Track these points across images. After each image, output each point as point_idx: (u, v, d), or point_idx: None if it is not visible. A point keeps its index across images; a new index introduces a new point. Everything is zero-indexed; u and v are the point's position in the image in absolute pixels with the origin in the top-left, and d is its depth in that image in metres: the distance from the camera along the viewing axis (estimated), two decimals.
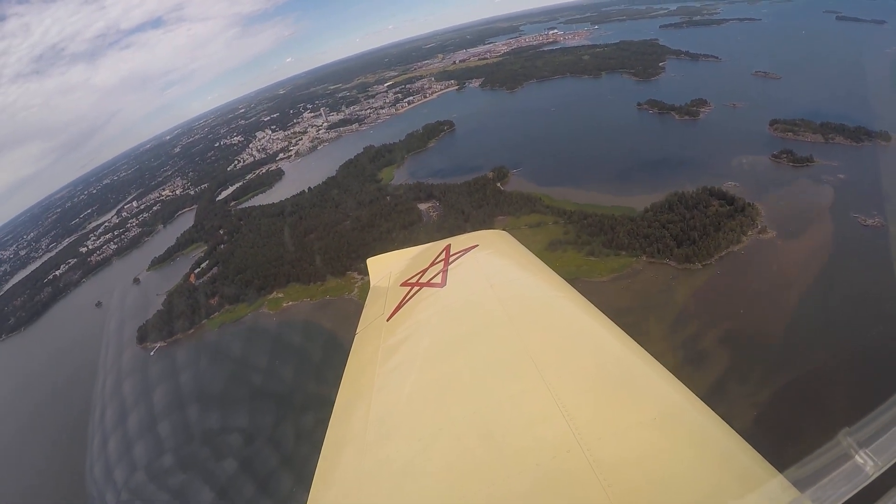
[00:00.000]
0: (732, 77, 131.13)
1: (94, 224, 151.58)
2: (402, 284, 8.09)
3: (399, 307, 7.40)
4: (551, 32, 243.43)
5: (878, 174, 74.36)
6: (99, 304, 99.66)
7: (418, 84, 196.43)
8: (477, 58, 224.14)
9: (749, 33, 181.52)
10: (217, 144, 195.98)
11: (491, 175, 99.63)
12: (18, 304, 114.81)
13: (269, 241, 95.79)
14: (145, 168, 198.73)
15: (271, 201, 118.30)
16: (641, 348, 5.02)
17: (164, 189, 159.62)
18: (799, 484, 2.64)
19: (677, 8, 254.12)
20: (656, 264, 67.27)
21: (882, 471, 2.38)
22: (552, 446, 3.82)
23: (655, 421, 4.00)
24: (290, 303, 77.56)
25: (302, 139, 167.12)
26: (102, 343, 70.85)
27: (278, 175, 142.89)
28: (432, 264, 8.17)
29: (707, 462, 3.64)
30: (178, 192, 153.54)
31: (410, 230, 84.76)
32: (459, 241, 8.89)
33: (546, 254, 70.03)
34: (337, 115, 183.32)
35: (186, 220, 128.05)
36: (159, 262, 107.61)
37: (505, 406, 4.61)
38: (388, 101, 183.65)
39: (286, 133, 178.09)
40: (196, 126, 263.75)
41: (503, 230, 10.30)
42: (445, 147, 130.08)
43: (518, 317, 6.03)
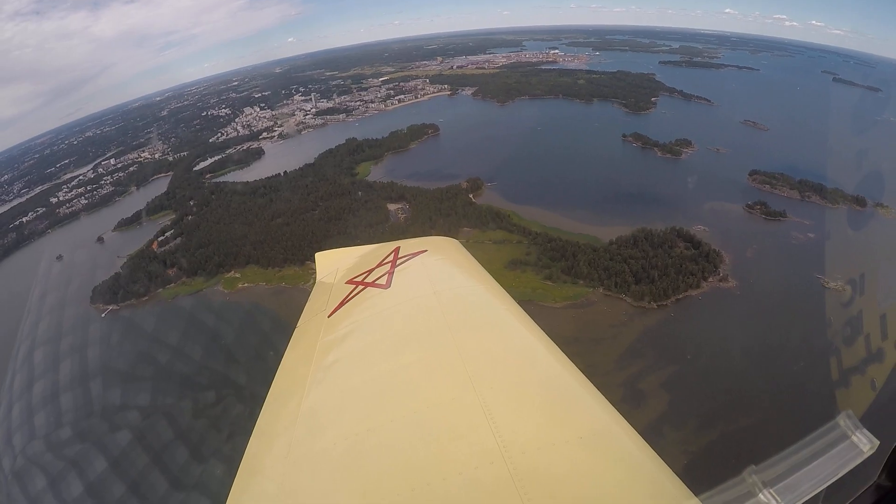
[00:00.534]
0: (721, 122, 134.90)
1: (69, 176, 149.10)
2: (348, 282, 8.10)
3: (341, 304, 7.43)
4: (552, 52, 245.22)
5: (848, 238, 76.95)
6: (59, 258, 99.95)
7: (412, 84, 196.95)
8: (475, 66, 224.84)
9: (745, 82, 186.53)
10: (204, 114, 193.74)
11: (465, 185, 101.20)
12: None
13: (235, 220, 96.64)
14: (130, 126, 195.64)
15: (246, 179, 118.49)
16: (576, 368, 5.14)
17: (144, 151, 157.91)
18: None
19: (679, 46, 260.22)
20: (612, 298, 68.54)
21: None
22: (476, 456, 3.86)
23: (582, 439, 4.09)
24: (246, 284, 78.84)
25: (288, 121, 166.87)
26: (54, 297, 71.34)
27: (258, 154, 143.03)
28: (379, 265, 8.18)
29: (629, 484, 3.75)
30: (157, 155, 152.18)
31: (375, 229, 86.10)
32: (409, 245, 8.87)
33: (504, 272, 71.71)
34: (327, 102, 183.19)
35: (160, 186, 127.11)
36: (126, 225, 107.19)
37: (434, 412, 4.63)
38: (379, 96, 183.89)
39: (274, 113, 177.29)
40: (187, 92, 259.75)
41: (455, 239, 10.52)
42: (426, 150, 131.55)
43: (457, 325, 6.11)
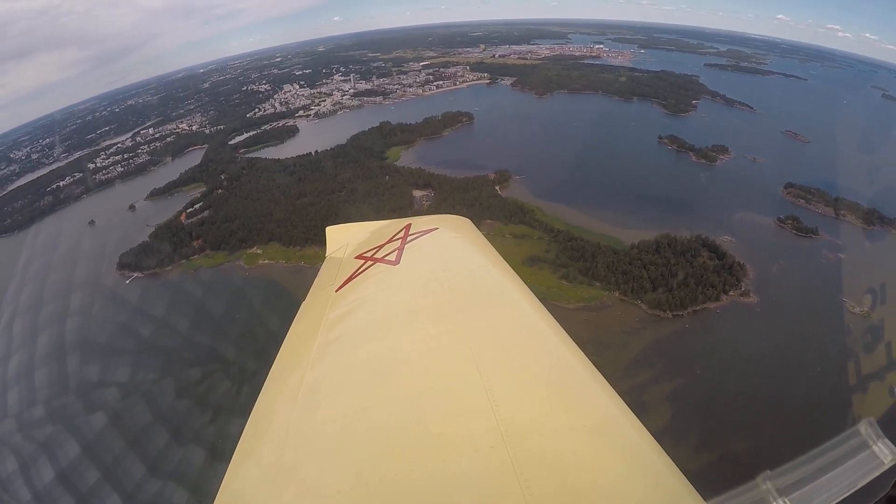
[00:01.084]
0: (761, 130, 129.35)
1: (108, 143, 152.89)
2: (357, 257, 8.05)
3: (349, 279, 7.36)
4: (596, 47, 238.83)
5: (880, 262, 73.15)
6: (92, 223, 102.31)
7: (451, 70, 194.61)
8: (517, 56, 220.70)
9: (791, 91, 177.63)
10: (244, 88, 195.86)
11: (492, 176, 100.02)
12: (18, 207, 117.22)
13: (263, 196, 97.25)
14: (171, 97, 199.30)
15: (278, 157, 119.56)
16: (584, 356, 5.02)
17: (183, 122, 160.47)
18: None
19: (727, 50, 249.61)
20: (627, 303, 66.63)
21: None
22: (476, 440, 3.79)
23: (585, 428, 4.02)
24: (267, 261, 79.49)
25: (325, 101, 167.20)
26: (84, 262, 73.22)
27: (292, 132, 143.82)
28: (390, 241, 8.09)
29: (632, 477, 3.64)
30: (194, 127, 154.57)
31: (397, 214, 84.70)
32: (420, 222, 8.82)
33: (521, 268, 69.34)
34: (365, 84, 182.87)
35: (194, 158, 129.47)
36: (158, 194, 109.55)
37: (436, 392, 4.58)
38: (418, 80, 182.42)
39: (312, 91, 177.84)
40: (230, 65, 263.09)
41: (465, 217, 10.28)
42: (459, 138, 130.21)
43: (465, 305, 6.03)
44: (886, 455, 2.41)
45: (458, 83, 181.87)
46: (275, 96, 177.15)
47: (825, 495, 2.34)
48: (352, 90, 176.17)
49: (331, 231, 10.01)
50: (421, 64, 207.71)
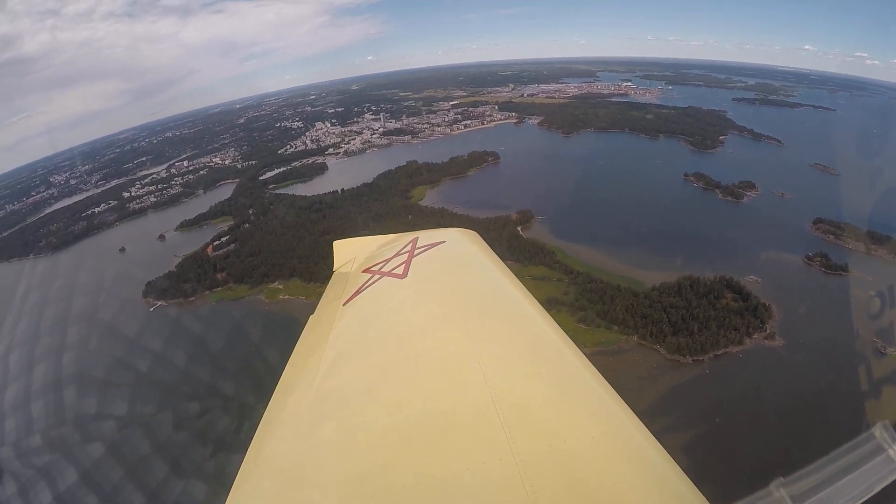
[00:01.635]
0: (789, 164, 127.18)
1: (143, 172, 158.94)
2: (365, 271, 8.02)
3: (357, 293, 7.34)
4: (624, 84, 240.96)
5: None
6: (122, 250, 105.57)
7: (480, 109, 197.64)
8: (545, 95, 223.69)
9: (819, 122, 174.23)
10: (278, 125, 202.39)
11: (515, 217, 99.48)
12: (53, 230, 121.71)
13: (287, 232, 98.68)
14: (207, 131, 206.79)
15: (305, 193, 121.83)
16: (594, 368, 5.10)
17: (216, 156, 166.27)
18: None
19: (755, 83, 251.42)
20: (645, 348, 64.23)
21: None
22: (485, 451, 3.77)
23: (594, 439, 4.01)
24: (287, 297, 79.81)
25: (355, 139, 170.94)
26: (112, 287, 74.87)
27: (321, 169, 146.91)
28: (397, 254, 8.08)
29: (643, 488, 3.65)
30: (227, 162, 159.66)
31: None
32: (428, 235, 8.84)
33: None
34: (395, 122, 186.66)
35: (225, 191, 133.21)
36: (188, 226, 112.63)
37: (444, 404, 4.57)
38: (446, 120, 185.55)
39: (343, 129, 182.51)
40: (266, 102, 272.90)
41: (473, 231, 10.28)
42: (484, 178, 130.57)
43: (473, 317, 6.02)
44: None
45: (486, 122, 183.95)
46: (306, 133, 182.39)
47: (840, 501, 2.32)
48: (381, 129, 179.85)
49: (338, 245, 10.02)
50: (450, 103, 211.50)
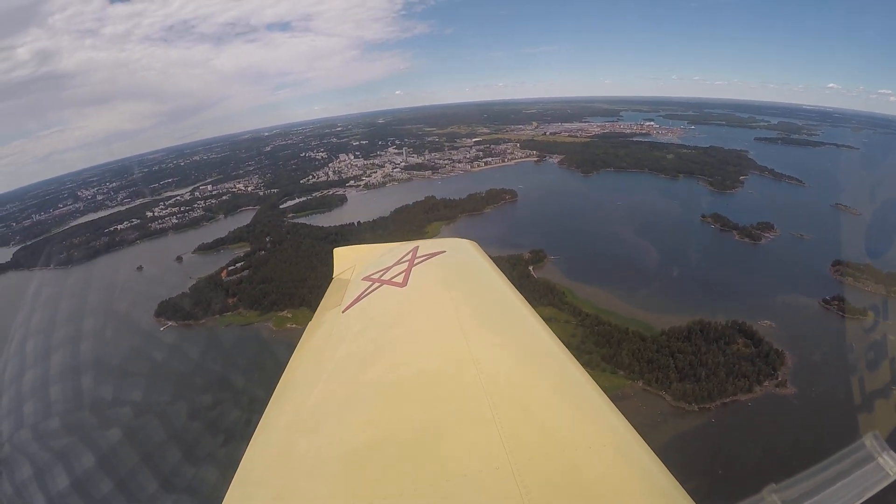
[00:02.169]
0: (810, 205, 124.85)
1: (168, 193, 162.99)
2: (364, 279, 8.05)
3: (356, 300, 7.35)
4: (646, 124, 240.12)
5: None
6: (140, 268, 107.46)
7: (502, 147, 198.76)
8: (567, 133, 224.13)
9: (842, 161, 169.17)
10: (303, 154, 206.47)
11: (527, 256, 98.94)
12: (76, 243, 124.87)
13: (301, 261, 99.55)
14: (233, 157, 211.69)
15: (322, 224, 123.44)
16: (591, 379, 5.02)
17: (240, 182, 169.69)
18: None
19: (778, 122, 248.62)
20: (650, 394, 62.84)
21: None
22: (481, 459, 3.75)
23: (591, 449, 3.99)
24: (294, 325, 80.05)
25: (376, 172, 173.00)
26: (126, 305, 76.17)
27: (341, 201, 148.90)
28: (397, 263, 8.08)
29: (639, 498, 3.62)
30: (249, 188, 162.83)
31: None
32: (427, 245, 8.79)
33: None
34: (417, 157, 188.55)
35: (245, 217, 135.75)
36: (205, 249, 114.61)
37: (441, 413, 4.53)
38: (468, 156, 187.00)
39: (366, 162, 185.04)
40: (293, 131, 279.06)
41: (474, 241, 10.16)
42: (500, 216, 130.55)
43: (471, 327, 5.95)
44: (892, 467, 2.44)
45: (506, 160, 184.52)
46: (329, 164, 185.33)
47: None
48: (403, 163, 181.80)
49: (338, 252, 10.08)
50: (473, 140, 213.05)
